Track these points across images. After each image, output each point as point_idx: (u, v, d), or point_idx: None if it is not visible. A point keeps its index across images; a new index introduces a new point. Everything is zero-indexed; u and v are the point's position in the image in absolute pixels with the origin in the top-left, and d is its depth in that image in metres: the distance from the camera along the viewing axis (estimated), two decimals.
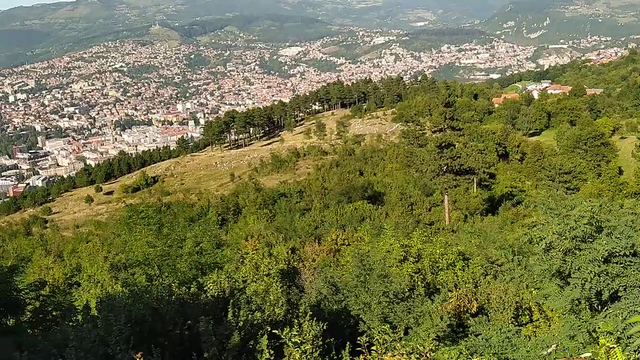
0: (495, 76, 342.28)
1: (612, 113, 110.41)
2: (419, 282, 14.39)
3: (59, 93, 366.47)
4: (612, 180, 66.96)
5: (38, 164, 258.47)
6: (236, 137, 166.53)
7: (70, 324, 9.64)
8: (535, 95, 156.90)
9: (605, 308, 6.23)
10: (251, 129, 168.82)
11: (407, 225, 36.44)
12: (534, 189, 64.73)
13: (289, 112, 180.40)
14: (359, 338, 9.60)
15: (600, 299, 6.40)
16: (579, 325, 6.12)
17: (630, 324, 3.81)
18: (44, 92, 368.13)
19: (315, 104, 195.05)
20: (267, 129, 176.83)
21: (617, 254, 6.21)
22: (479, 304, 13.14)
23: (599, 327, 5.92)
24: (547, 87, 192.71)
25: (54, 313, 13.13)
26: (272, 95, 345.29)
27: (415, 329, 10.44)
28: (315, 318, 9.00)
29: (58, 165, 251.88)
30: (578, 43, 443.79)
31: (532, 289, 9.75)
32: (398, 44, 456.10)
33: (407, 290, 12.02)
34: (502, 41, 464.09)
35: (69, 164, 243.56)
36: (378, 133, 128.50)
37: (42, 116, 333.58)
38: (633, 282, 6.02)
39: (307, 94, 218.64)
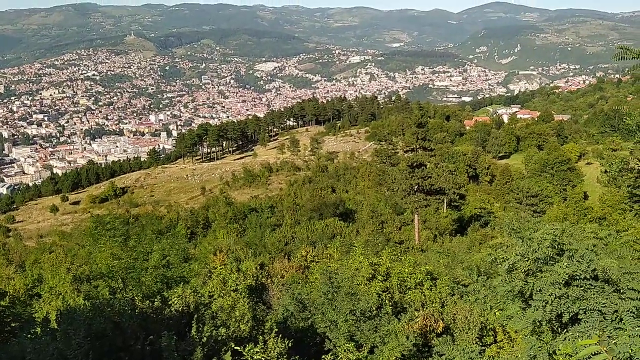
0: (467, 99, 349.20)
1: (578, 139, 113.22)
2: (386, 301, 14.39)
3: (28, 100, 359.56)
4: (578, 204, 68.35)
5: (3, 171, 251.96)
6: (209, 150, 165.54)
7: (29, 336, 9.35)
8: (505, 119, 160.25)
9: (566, 330, 6.33)
10: (224, 142, 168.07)
11: (377, 244, 36.52)
12: (502, 210, 65.71)
13: (263, 127, 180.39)
14: (323, 356, 9.56)
15: (560, 321, 6.50)
16: (539, 347, 6.20)
17: (581, 346, 3.88)
18: (12, 98, 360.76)
19: (289, 120, 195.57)
20: (241, 143, 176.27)
21: (578, 277, 6.33)
22: (445, 324, 13.20)
23: (559, 349, 6.01)
24: (516, 111, 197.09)
25: (13, 325, 12.72)
26: (247, 110, 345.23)
27: (380, 348, 10.42)
28: (280, 335, 8.92)
29: (24, 173, 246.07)
30: (547, 70, 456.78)
31: (496, 310, 9.86)
32: (373, 64, 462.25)
33: (374, 308, 12.00)
34: (475, 65, 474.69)
35: (35, 172, 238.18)
36: (351, 151, 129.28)
37: (9, 122, 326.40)
38: (593, 305, 6.13)
39: (282, 109, 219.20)
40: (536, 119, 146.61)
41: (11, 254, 51.28)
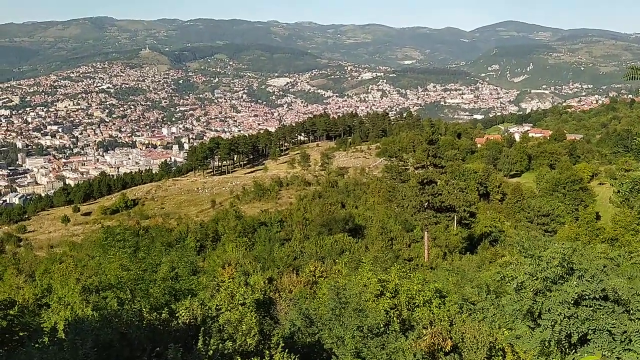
0: (478, 117, 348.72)
1: (591, 159, 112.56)
2: (394, 318, 14.28)
3: (43, 111, 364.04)
4: (589, 224, 67.70)
5: (16, 181, 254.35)
6: (220, 164, 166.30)
7: (36, 345, 9.38)
8: (517, 137, 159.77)
9: (575, 351, 6.25)
10: (235, 156, 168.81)
11: (386, 260, 36.35)
12: (513, 229, 65.20)
13: (274, 142, 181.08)
14: None
15: (569, 341, 6.43)
16: None
17: None
18: (28, 109, 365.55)
19: (300, 135, 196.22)
20: (252, 157, 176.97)
21: (587, 297, 6.27)
22: (453, 343, 13.06)
23: None
24: (528, 130, 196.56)
25: (21, 334, 12.76)
26: (259, 124, 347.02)
27: None
28: (287, 350, 8.89)
29: (37, 183, 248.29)
30: (560, 89, 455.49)
31: (505, 329, 9.76)
32: (385, 80, 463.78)
33: (382, 325, 11.92)
34: (487, 83, 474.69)
35: (48, 182, 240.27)
36: (362, 166, 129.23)
37: (24, 133, 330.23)
38: (602, 325, 6.06)
39: (293, 124, 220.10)
40: (548, 138, 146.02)
41: (21, 264, 51.66)
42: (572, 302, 6.26)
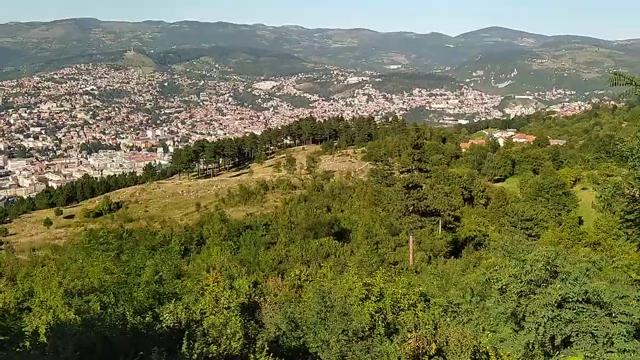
0: (463, 122, 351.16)
1: (574, 164, 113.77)
2: (379, 322, 14.29)
3: (26, 112, 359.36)
4: (572, 229, 68.47)
5: None
6: (205, 167, 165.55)
7: (18, 350, 9.25)
8: (501, 142, 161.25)
9: (558, 353, 6.31)
10: (221, 159, 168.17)
11: (371, 264, 36.41)
12: (497, 233, 65.68)
13: (260, 145, 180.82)
14: None
15: (553, 344, 6.48)
16: None
17: None
18: (10, 110, 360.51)
19: (286, 138, 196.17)
20: (237, 160, 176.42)
21: (571, 300, 6.34)
22: (437, 346, 13.10)
23: None
24: (512, 135, 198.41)
25: (1, 338, 12.56)
26: (244, 127, 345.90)
27: None
28: (272, 354, 8.86)
29: (19, 185, 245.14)
30: (543, 95, 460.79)
31: (488, 332, 9.81)
32: (371, 85, 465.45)
33: (367, 329, 11.94)
34: (471, 89, 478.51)
35: (30, 184, 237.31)
36: (347, 170, 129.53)
37: (6, 135, 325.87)
38: (585, 328, 6.13)
39: (279, 127, 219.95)
40: (532, 143, 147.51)
41: (3, 267, 50.91)
42: (555, 304, 6.32)
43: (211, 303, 14.97)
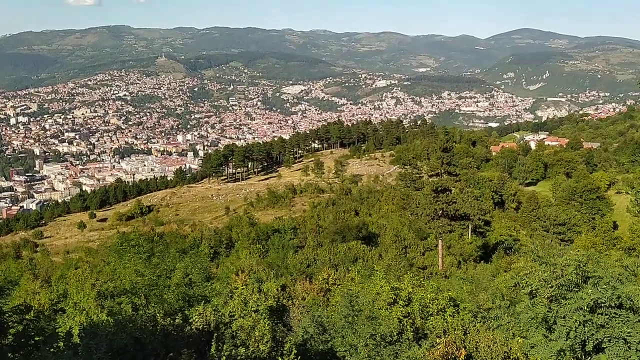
0: (494, 125, 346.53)
1: (608, 167, 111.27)
2: (407, 327, 14.20)
3: (60, 118, 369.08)
4: (606, 234, 66.90)
5: (34, 187, 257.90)
6: (234, 171, 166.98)
7: (52, 350, 9.48)
8: (533, 145, 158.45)
9: (589, 359, 6.18)
10: (250, 163, 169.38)
11: (400, 268, 36.18)
12: (529, 238, 64.58)
13: (288, 149, 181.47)
14: None
15: (584, 349, 6.35)
16: None
17: None
18: (45, 116, 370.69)
19: (314, 142, 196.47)
20: (266, 164, 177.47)
21: (603, 305, 6.20)
22: (467, 352, 12.94)
23: None
24: (544, 138, 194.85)
25: (36, 338, 12.89)
26: (273, 131, 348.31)
27: None
28: (300, 357, 8.88)
29: (54, 189, 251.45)
30: (576, 97, 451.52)
31: (519, 338, 9.64)
32: (399, 88, 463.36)
33: (395, 334, 11.86)
34: (502, 91, 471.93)
35: (64, 188, 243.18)
36: (375, 174, 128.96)
37: (41, 140, 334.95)
38: (617, 333, 5.99)
39: (308, 131, 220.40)
40: (564, 146, 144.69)
41: (38, 269, 52.24)
42: (587, 309, 6.19)
43: (240, 306, 15.10)
